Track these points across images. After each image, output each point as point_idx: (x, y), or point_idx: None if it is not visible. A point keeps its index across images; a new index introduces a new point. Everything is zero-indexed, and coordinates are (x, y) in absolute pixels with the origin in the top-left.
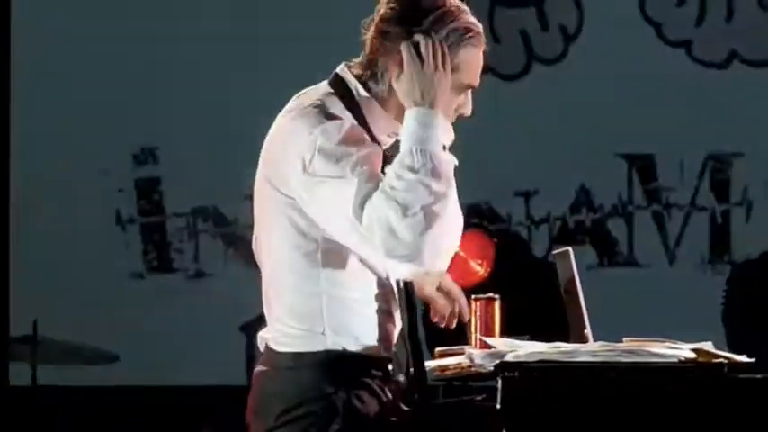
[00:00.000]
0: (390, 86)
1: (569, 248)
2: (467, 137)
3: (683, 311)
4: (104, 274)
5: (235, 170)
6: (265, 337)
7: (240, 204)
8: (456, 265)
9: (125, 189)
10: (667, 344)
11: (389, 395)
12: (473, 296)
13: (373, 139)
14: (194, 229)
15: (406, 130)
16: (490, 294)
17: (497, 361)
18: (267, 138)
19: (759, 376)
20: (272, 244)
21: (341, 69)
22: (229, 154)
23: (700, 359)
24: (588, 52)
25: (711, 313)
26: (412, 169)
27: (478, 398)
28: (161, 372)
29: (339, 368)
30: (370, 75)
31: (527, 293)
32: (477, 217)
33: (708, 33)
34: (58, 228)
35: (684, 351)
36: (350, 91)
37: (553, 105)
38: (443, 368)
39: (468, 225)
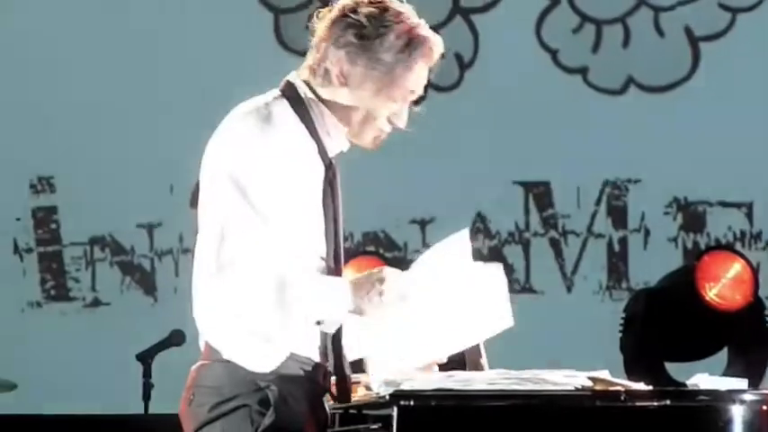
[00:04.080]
0: (335, 88)
1: None
2: (362, 164)
3: (581, 339)
4: (2, 302)
5: (131, 199)
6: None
7: (136, 233)
8: None
9: (22, 218)
10: (564, 372)
11: (319, 393)
12: None
13: (320, 144)
14: (91, 258)
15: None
16: None
17: (393, 389)
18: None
19: (656, 404)
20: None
21: (292, 75)
22: (126, 183)
23: (597, 387)
24: (484, 79)
25: (609, 341)
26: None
27: (374, 426)
28: (59, 400)
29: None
30: (317, 76)
31: None
32: (373, 245)
33: (604, 59)
34: None
35: (581, 379)
36: (299, 95)
37: (449, 133)
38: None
39: (364, 253)
